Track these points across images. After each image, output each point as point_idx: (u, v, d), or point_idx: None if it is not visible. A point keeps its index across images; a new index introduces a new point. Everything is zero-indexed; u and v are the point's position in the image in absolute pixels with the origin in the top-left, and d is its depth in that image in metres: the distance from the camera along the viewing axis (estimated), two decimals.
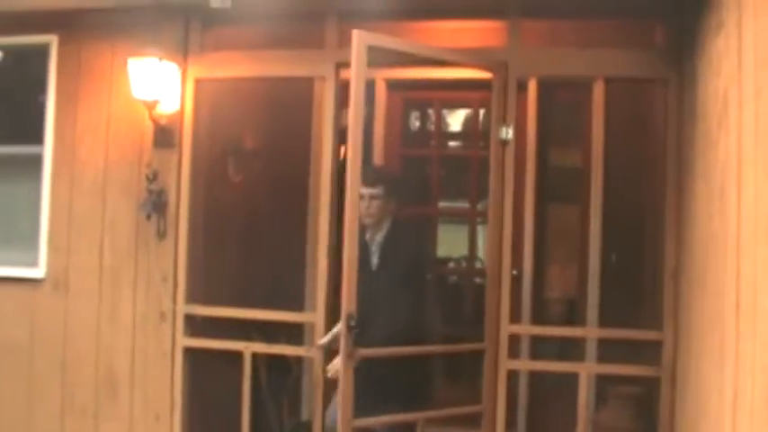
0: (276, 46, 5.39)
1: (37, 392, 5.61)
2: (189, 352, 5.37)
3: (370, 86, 6.47)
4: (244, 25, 5.53)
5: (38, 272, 5.64)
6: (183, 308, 5.37)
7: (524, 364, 5.49)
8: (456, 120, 8.83)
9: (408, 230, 4.94)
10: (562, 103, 5.97)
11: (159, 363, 5.40)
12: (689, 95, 4.43)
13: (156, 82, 5.18)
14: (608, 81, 5.03)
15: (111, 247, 5.51)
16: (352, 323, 4.34)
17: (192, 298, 5.39)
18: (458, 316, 7.04)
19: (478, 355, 5.01)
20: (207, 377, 5.47)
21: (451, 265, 8.46)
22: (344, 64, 5.25)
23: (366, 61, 4.56)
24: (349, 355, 4.35)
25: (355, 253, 4.40)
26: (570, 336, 5.58)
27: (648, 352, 4.96)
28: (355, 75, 4.52)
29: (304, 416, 6.34)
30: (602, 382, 5.53)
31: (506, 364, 4.97)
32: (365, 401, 4.44)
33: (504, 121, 5.01)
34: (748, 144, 2.90)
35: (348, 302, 4.33)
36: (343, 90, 5.28)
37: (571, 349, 5.66)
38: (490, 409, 4.91)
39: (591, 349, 5.44)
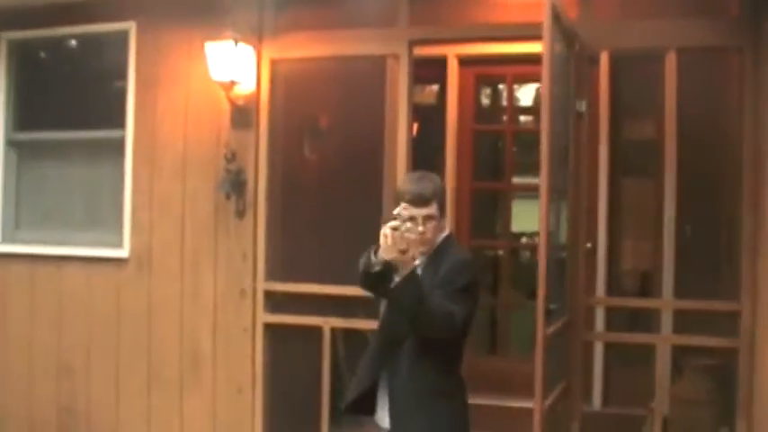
0: (349, 25, 5.46)
1: (124, 367, 5.80)
2: (269, 327, 5.50)
3: (441, 63, 6.56)
4: (316, 6, 5.63)
5: (122, 252, 5.82)
6: (262, 285, 5.50)
7: (601, 336, 5.52)
8: (528, 94, 8.84)
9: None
10: (635, 75, 5.94)
11: (240, 338, 5.54)
12: (765, 63, 4.39)
13: (233, 64, 5.28)
14: (681, 51, 4.99)
15: (192, 227, 5.66)
16: (552, 306, 4.43)
17: (271, 275, 5.51)
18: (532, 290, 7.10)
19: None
20: (287, 352, 5.59)
21: (524, 240, 8.52)
22: (417, 41, 5.32)
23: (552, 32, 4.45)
24: (544, 337, 4.36)
25: (548, 237, 4.38)
26: (647, 307, 5.59)
27: (726, 324, 4.94)
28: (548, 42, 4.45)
29: None
30: (680, 354, 5.54)
31: (583, 336, 4.99)
32: None
33: (579, 94, 5.00)
34: None
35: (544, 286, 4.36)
36: (415, 67, 5.35)
37: (648, 323, 5.68)
38: (573, 382, 4.94)
39: (667, 321, 5.45)
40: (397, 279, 3.32)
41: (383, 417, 3.61)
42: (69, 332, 5.94)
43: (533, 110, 8.30)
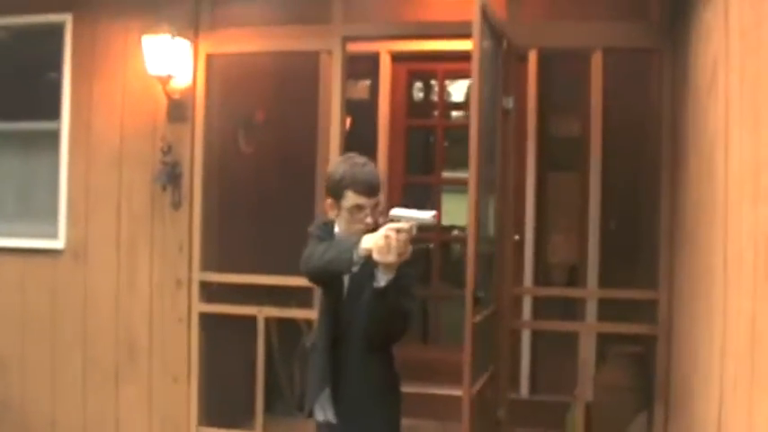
0: (284, 21, 5.54)
1: (60, 358, 5.82)
2: (204, 317, 5.57)
3: (374, 59, 6.68)
4: (252, 1, 5.71)
5: (58, 243, 5.83)
6: (198, 275, 5.57)
7: (527, 324, 5.71)
8: (459, 90, 9.01)
9: None
10: (561, 74, 6.14)
11: (176, 328, 5.60)
12: (682, 65, 4.59)
13: (169, 58, 5.34)
14: (606, 51, 5.18)
15: (128, 218, 5.70)
16: (479, 294, 4.52)
17: (206, 265, 5.59)
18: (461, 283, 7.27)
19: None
20: (222, 342, 5.67)
21: (455, 232, 8.70)
22: (350, 38, 5.44)
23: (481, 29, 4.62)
24: (472, 325, 4.49)
25: (477, 227, 4.53)
26: (571, 296, 5.79)
27: (647, 312, 5.15)
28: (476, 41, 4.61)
29: None
30: (604, 342, 5.76)
31: (510, 324, 5.16)
32: None
33: (506, 90, 5.17)
34: (734, 111, 3.09)
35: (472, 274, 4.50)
36: (348, 63, 5.47)
37: (575, 314, 5.88)
38: (499, 368, 5.11)
39: (592, 311, 5.67)
40: (381, 276, 3.18)
41: (322, 410, 3.57)
42: (3, 324, 5.92)
43: (464, 105, 8.47)
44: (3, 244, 5.96)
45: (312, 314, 5.63)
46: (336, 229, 3.53)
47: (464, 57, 6.54)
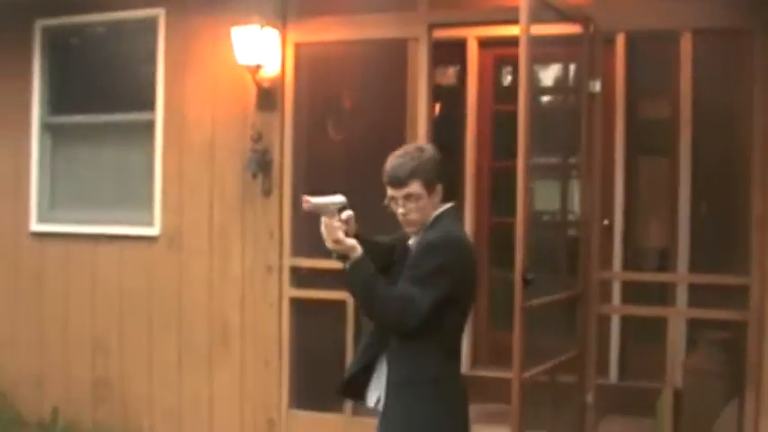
0: (370, 9, 5.60)
1: (156, 342, 6.02)
2: (295, 302, 5.69)
3: (461, 45, 6.69)
4: None
5: (153, 230, 6.03)
6: (288, 261, 5.69)
7: (615, 309, 5.66)
8: (548, 75, 8.92)
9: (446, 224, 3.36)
10: (650, 56, 6.05)
11: (267, 313, 5.73)
12: None
13: (258, 48, 5.46)
14: (695, 32, 5.10)
15: (220, 206, 5.86)
16: (529, 277, 4.56)
17: (296, 251, 5.69)
18: (553, 267, 7.25)
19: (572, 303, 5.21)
20: (312, 325, 5.78)
21: (546, 218, 8.63)
22: (436, 25, 5.47)
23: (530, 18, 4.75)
24: (523, 309, 4.56)
25: (527, 211, 4.70)
26: (660, 281, 5.72)
27: (738, 298, 5.06)
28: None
29: None
30: (694, 327, 5.68)
31: (597, 309, 5.13)
32: None
33: (592, 74, 5.13)
34: None
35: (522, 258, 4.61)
36: (435, 50, 5.50)
37: (666, 299, 5.81)
38: (583, 353, 5.10)
39: (682, 296, 5.59)
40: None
41: (371, 396, 3.38)
42: (103, 307, 6.17)
43: (553, 90, 8.40)
44: (102, 231, 6.19)
45: None
46: None
47: (553, 41, 6.58)
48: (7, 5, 6.21)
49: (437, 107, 6.52)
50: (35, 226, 6.41)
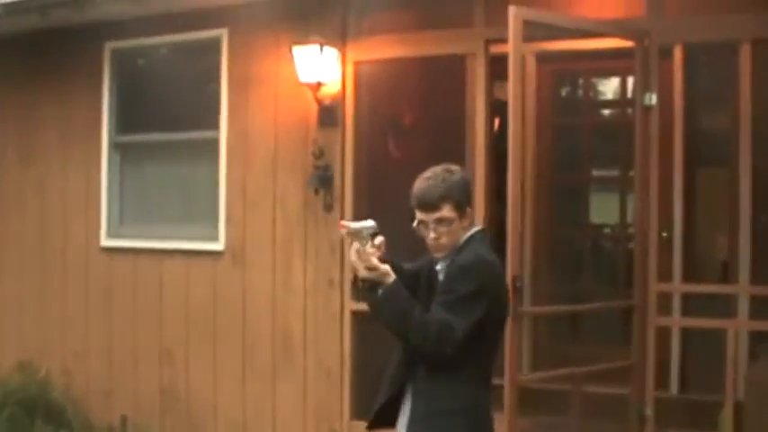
0: (428, 27, 5.70)
1: (221, 354, 6.17)
2: (356, 315, 5.75)
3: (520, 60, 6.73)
4: (396, 9, 5.87)
5: (218, 245, 6.18)
6: (350, 274, 5.77)
7: (673, 321, 5.65)
8: (607, 88, 8.94)
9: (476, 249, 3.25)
10: (708, 68, 6.04)
11: (329, 325, 5.83)
12: None
13: (319, 66, 5.58)
14: (755, 43, 5.09)
15: (283, 221, 5.98)
16: (519, 284, 4.59)
17: None
18: (612, 279, 7.24)
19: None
20: (373, 338, 5.84)
21: (607, 231, 8.63)
22: (493, 40, 5.52)
23: (521, 36, 4.85)
24: (515, 315, 4.59)
25: (518, 220, 4.76)
26: (721, 293, 5.69)
27: None
28: (513, 49, 4.78)
29: None
30: (757, 340, 5.63)
31: (655, 321, 5.13)
32: None
33: (647, 87, 5.15)
34: None
35: (513, 266, 4.68)
36: (493, 65, 5.56)
37: (728, 312, 5.77)
38: (639, 364, 5.10)
39: (743, 307, 5.55)
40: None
41: (401, 428, 3.29)
42: (169, 319, 6.34)
43: (613, 103, 8.40)
44: (168, 246, 6.36)
45: None
46: None
47: (610, 55, 6.60)
48: (79, 30, 6.46)
49: (496, 122, 6.57)
50: (105, 241, 6.62)
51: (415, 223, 3.20)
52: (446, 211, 3.16)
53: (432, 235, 3.18)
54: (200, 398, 6.21)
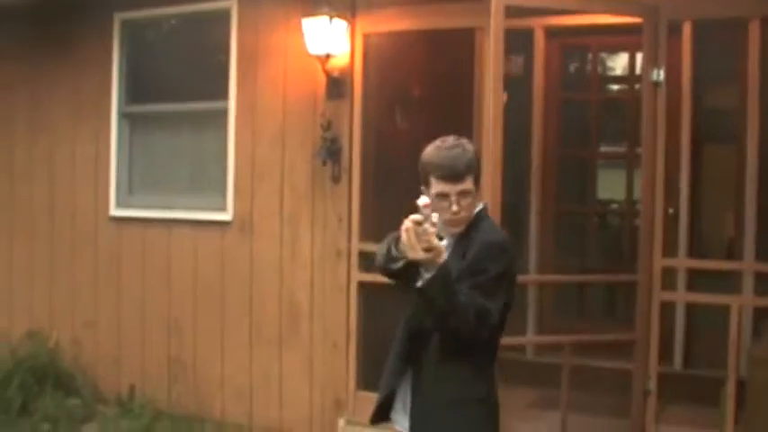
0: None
1: (228, 324, 6.22)
2: (363, 286, 5.80)
3: (527, 35, 6.74)
4: None
5: (226, 215, 6.21)
6: (357, 245, 5.81)
7: (677, 296, 5.68)
8: (616, 63, 8.93)
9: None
10: (717, 44, 6.03)
11: (336, 296, 5.87)
12: None
13: (328, 38, 5.59)
14: (763, 20, 5.08)
15: (291, 192, 6.01)
16: None
17: (365, 236, 5.80)
18: (618, 255, 7.28)
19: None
20: (380, 309, 5.89)
21: (615, 207, 8.67)
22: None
23: (503, 24, 4.99)
24: None
25: (499, 189, 4.91)
26: (726, 269, 5.72)
27: None
28: (494, 36, 4.91)
29: None
30: (759, 316, 5.66)
31: (660, 296, 5.16)
32: None
33: (655, 63, 5.16)
34: None
35: None
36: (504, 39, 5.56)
37: (732, 287, 5.80)
38: (643, 338, 5.14)
39: (748, 284, 5.58)
40: (425, 274, 2.76)
41: (400, 418, 3.18)
42: (177, 289, 6.38)
43: (622, 79, 8.39)
44: (178, 216, 6.40)
45: None
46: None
47: (620, 30, 6.59)
48: (88, 0, 6.46)
49: (504, 96, 6.56)
50: (114, 211, 6.66)
51: (425, 196, 2.87)
52: (469, 183, 3.01)
53: (454, 208, 3.00)
54: (207, 367, 6.27)
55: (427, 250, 2.71)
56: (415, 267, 2.80)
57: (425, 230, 2.70)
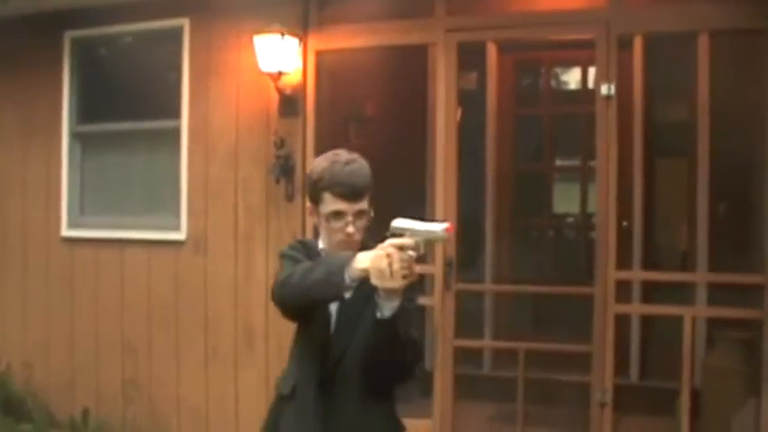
0: (390, 16, 5.70)
1: (183, 344, 6.14)
2: None
3: (480, 50, 6.77)
4: None
5: (180, 234, 6.14)
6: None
7: (632, 308, 5.73)
8: (569, 77, 9.00)
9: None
10: (667, 58, 6.10)
11: None
12: None
13: (280, 55, 5.56)
14: (712, 34, 5.14)
15: (245, 210, 5.96)
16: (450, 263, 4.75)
17: None
18: (573, 267, 7.33)
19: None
20: None
21: (570, 220, 8.72)
22: (454, 29, 5.55)
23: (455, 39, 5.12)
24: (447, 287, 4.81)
25: (454, 203, 5.02)
26: (679, 281, 5.77)
27: (757, 296, 5.09)
28: (445, 51, 4.97)
29: None
30: (714, 327, 5.72)
31: (614, 308, 5.18)
32: None
33: (606, 77, 5.20)
34: None
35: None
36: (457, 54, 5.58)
37: (686, 298, 5.86)
38: (599, 350, 5.16)
39: (701, 295, 5.64)
40: (383, 303, 2.52)
41: None
42: (132, 310, 6.29)
43: (575, 93, 8.45)
44: (130, 235, 6.33)
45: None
46: (321, 245, 2.89)
47: (572, 45, 6.65)
48: (38, 18, 6.37)
49: (458, 111, 6.60)
50: (66, 231, 6.55)
51: (325, 213, 2.73)
52: (365, 203, 2.79)
53: (349, 229, 2.75)
54: (162, 388, 6.19)
55: (406, 278, 2.46)
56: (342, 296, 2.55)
57: (410, 256, 2.48)
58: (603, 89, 5.14)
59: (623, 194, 5.45)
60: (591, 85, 7.11)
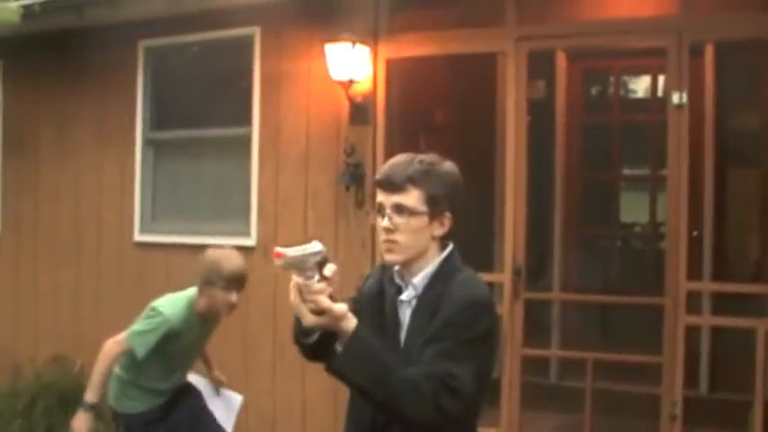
0: (459, 24, 5.72)
1: (252, 348, 6.23)
2: None
3: (549, 58, 6.75)
4: (428, 7, 5.92)
5: (250, 240, 6.23)
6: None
7: (702, 320, 5.65)
8: (638, 86, 8.93)
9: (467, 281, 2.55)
10: (739, 67, 6.03)
11: None
12: None
13: (351, 64, 5.62)
14: None
15: (314, 217, 6.02)
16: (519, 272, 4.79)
17: None
18: (641, 277, 7.26)
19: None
20: None
21: (638, 229, 8.65)
22: (524, 38, 5.55)
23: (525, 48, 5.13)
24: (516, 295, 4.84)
25: (523, 211, 5.06)
26: (752, 293, 5.69)
27: None
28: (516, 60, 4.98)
29: None
30: None
31: (685, 320, 5.13)
32: None
33: (678, 86, 5.16)
34: None
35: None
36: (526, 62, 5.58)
37: (761, 309, 5.77)
38: (669, 362, 5.11)
39: None
40: (337, 347, 2.29)
41: None
42: None
43: (644, 101, 8.38)
44: (201, 241, 6.39)
45: None
46: None
47: (642, 53, 6.60)
48: (113, 28, 6.52)
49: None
50: (138, 236, 6.70)
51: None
52: (411, 199, 2.45)
53: (384, 223, 2.45)
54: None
55: (321, 312, 2.22)
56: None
57: (311, 287, 2.23)
58: (675, 98, 5.09)
59: (694, 204, 5.40)
60: (660, 93, 7.04)
